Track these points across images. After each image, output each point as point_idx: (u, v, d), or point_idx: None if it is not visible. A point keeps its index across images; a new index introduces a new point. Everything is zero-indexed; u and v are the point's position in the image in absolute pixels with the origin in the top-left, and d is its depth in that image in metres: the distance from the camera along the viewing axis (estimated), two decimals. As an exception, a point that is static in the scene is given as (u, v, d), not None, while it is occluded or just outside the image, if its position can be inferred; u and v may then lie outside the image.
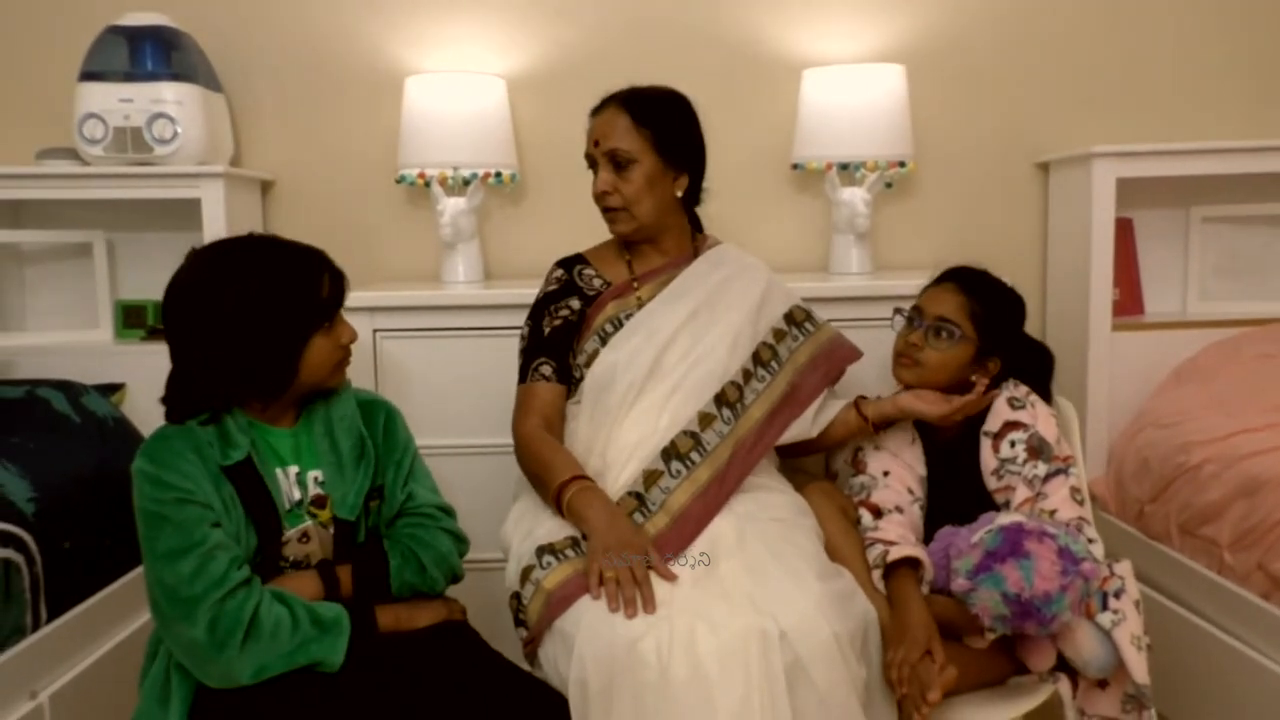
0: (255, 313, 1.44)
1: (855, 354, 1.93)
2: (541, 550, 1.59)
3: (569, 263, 1.91)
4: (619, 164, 1.77)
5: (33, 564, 1.74)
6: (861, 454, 1.90)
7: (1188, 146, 2.39)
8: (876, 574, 1.68)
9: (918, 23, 2.58)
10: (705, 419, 1.73)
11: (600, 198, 1.81)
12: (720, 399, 1.75)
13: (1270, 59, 2.61)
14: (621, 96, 1.80)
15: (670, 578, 1.53)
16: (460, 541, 1.69)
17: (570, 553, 1.58)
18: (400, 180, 2.45)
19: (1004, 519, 1.59)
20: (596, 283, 1.87)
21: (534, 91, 2.57)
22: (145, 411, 2.28)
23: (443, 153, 2.40)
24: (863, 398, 1.89)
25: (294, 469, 1.56)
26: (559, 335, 1.83)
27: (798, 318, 1.91)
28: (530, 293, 2.12)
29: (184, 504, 1.41)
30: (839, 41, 2.56)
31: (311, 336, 1.50)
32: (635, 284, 1.86)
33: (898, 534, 1.73)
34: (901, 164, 2.42)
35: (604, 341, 1.80)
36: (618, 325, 1.81)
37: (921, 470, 1.85)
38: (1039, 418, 1.77)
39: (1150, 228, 2.65)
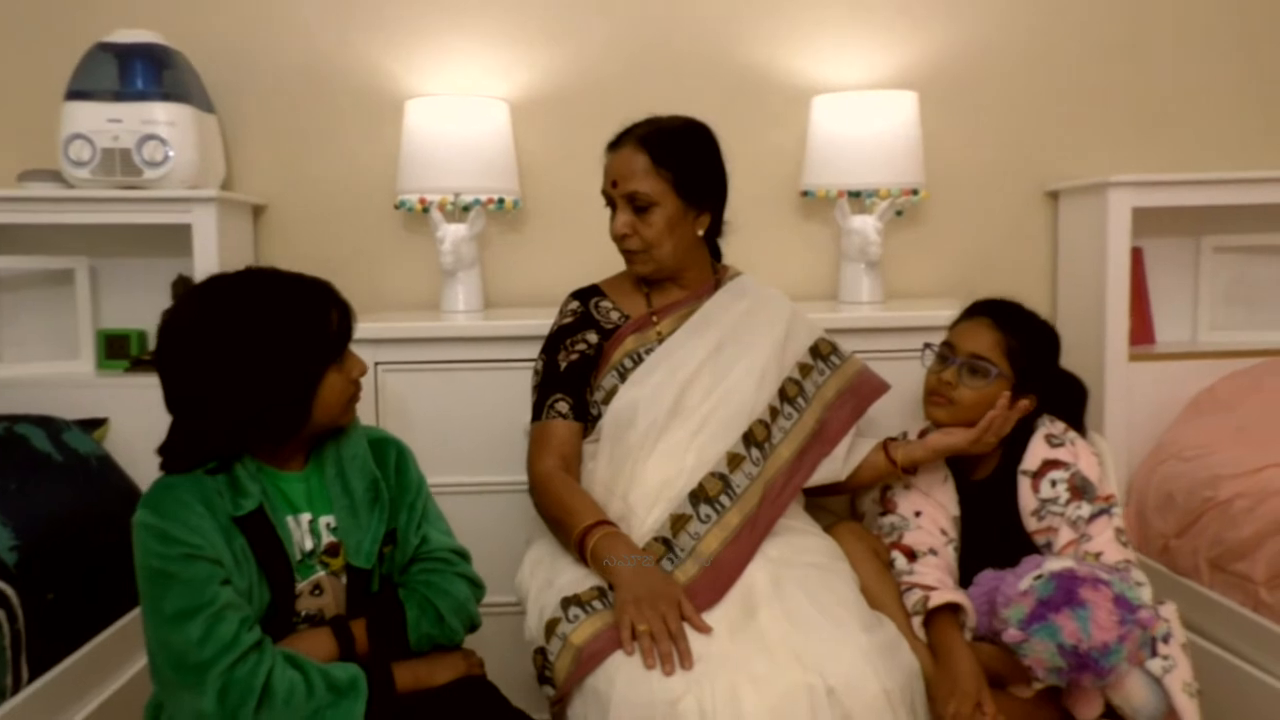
0: (268, 352, 1.35)
1: (884, 387, 1.86)
2: (567, 602, 1.50)
3: (584, 294, 1.83)
4: (638, 207, 1.70)
5: (14, 619, 1.63)
6: (891, 493, 1.83)
7: (1203, 176, 2.37)
8: (916, 621, 1.62)
9: (927, 50, 2.54)
10: (734, 460, 1.65)
11: (619, 240, 1.74)
12: (748, 438, 1.67)
13: (1277, 89, 2.59)
14: (640, 134, 1.72)
15: (705, 629, 1.45)
16: (477, 587, 1.60)
17: (598, 604, 1.50)
18: (399, 206, 2.37)
19: (1054, 564, 1.52)
20: (614, 316, 1.79)
21: (537, 115, 2.50)
22: (129, 447, 2.18)
23: (443, 178, 2.31)
24: (891, 439, 1.82)
25: (306, 516, 1.46)
26: (575, 371, 1.75)
27: (823, 351, 1.84)
28: (534, 323, 2.06)
29: (192, 560, 1.31)
30: (849, 68, 2.52)
31: (325, 373, 1.42)
32: (655, 318, 1.78)
33: (935, 578, 1.67)
34: (914, 192, 2.37)
35: (623, 377, 1.72)
36: (637, 360, 1.73)
37: (955, 510, 1.78)
38: (1080, 455, 1.71)
39: (1158, 256, 2.62)
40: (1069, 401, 1.84)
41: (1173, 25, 2.56)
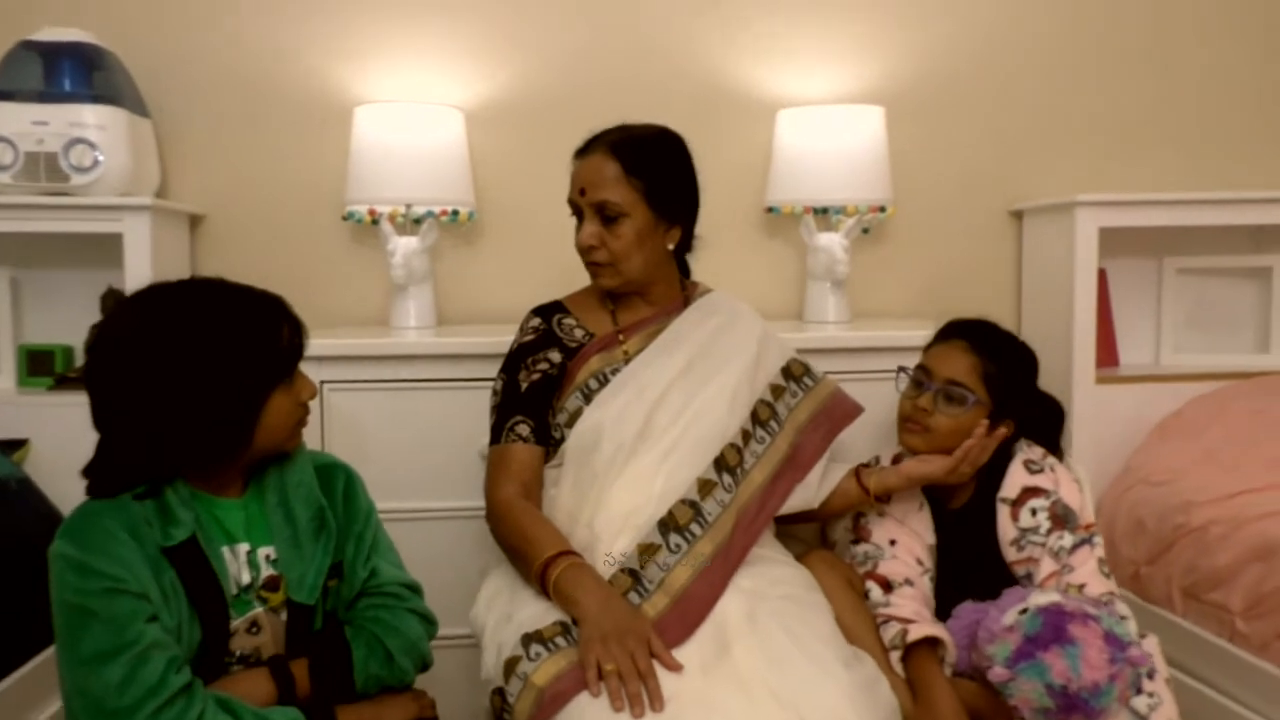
0: (211, 367, 1.24)
1: (857, 410, 1.79)
2: (528, 639, 1.40)
3: (547, 311, 1.74)
4: (607, 217, 1.61)
5: (-78, 661, 1.48)
6: (864, 521, 1.76)
7: (1171, 196, 2.35)
8: (895, 655, 1.54)
9: (893, 64, 2.49)
10: (705, 486, 1.56)
11: (586, 251, 1.65)
12: (720, 463, 1.58)
13: (1244, 113, 2.60)
14: (611, 140, 1.63)
15: (676, 668, 1.35)
16: (429, 624, 1.50)
17: (561, 641, 1.39)
18: (347, 217, 2.25)
19: (1039, 598, 1.45)
20: (578, 333, 1.70)
21: (494, 125, 2.41)
22: (52, 470, 2.03)
23: (395, 188, 2.20)
24: (864, 466, 1.75)
25: (244, 546, 1.35)
26: (537, 391, 1.65)
27: (795, 372, 1.77)
28: (490, 340, 1.97)
29: (115, 595, 1.19)
30: (814, 81, 2.46)
31: (271, 394, 1.31)
32: (621, 336, 1.69)
33: (913, 610, 1.59)
34: (882, 209, 2.32)
35: (588, 399, 1.62)
36: (603, 381, 1.64)
37: (930, 539, 1.71)
38: (1061, 482, 1.65)
39: (1120, 278, 2.60)
40: (1045, 424, 1.78)
41: (1138, 47, 2.56)
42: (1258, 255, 2.58)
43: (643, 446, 1.57)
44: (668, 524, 1.52)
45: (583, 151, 1.66)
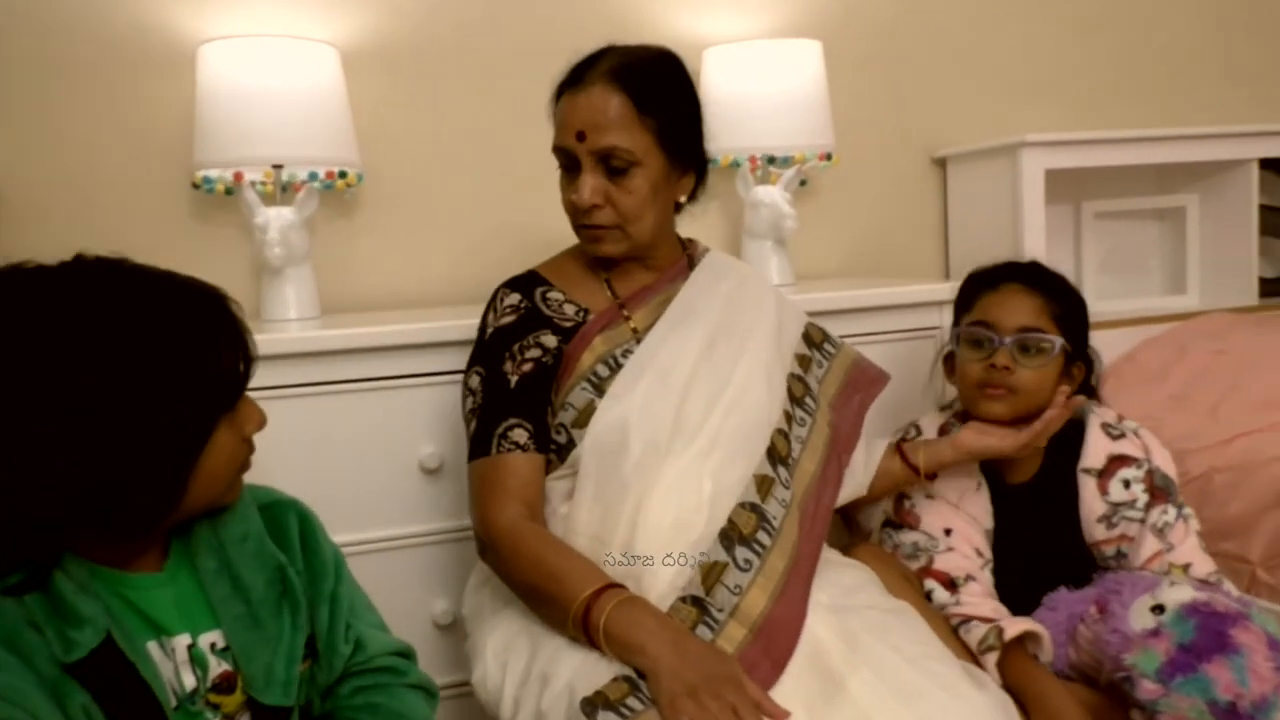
0: (124, 395, 0.83)
1: (883, 377, 1.54)
2: (591, 706, 1.05)
3: (524, 284, 1.38)
4: (614, 168, 1.28)
5: None
6: (910, 504, 1.52)
7: (1123, 134, 2.22)
8: (990, 659, 1.31)
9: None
10: (764, 483, 1.26)
11: (584, 212, 1.30)
12: (773, 454, 1.29)
13: (1157, 57, 2.56)
14: (612, 68, 1.29)
15: (782, 716, 1.06)
16: (432, 696, 1.15)
17: (634, 703, 1.06)
18: (200, 185, 1.78)
19: (1176, 594, 1.23)
20: (570, 310, 1.36)
21: (376, 66, 1.97)
22: None
23: (259, 146, 1.73)
24: (905, 439, 1.51)
25: (182, 639, 0.94)
26: (531, 385, 1.30)
27: (816, 338, 1.51)
28: (411, 328, 1.61)
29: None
30: (740, 16, 2.19)
31: (214, 429, 0.91)
32: (624, 310, 1.37)
33: (990, 608, 1.38)
34: (828, 156, 2.09)
35: (599, 390, 1.29)
36: (613, 366, 1.31)
37: (988, 523, 1.49)
38: (1152, 449, 1.47)
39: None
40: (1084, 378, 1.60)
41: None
42: (1169, 195, 2.55)
43: (678, 443, 1.26)
44: (731, 536, 1.21)
45: (573, 83, 1.30)
